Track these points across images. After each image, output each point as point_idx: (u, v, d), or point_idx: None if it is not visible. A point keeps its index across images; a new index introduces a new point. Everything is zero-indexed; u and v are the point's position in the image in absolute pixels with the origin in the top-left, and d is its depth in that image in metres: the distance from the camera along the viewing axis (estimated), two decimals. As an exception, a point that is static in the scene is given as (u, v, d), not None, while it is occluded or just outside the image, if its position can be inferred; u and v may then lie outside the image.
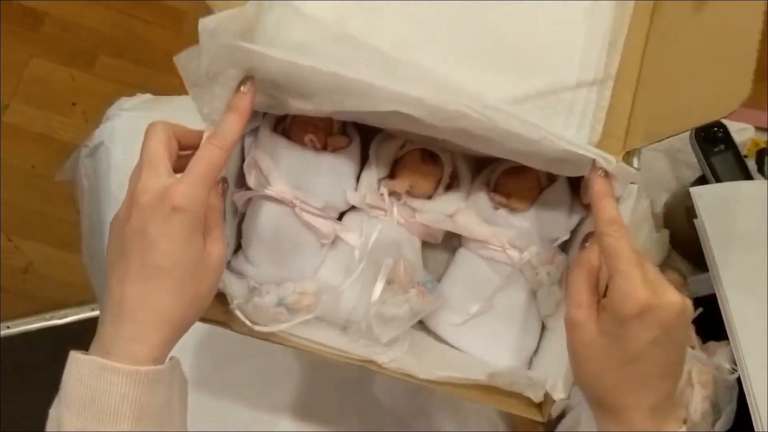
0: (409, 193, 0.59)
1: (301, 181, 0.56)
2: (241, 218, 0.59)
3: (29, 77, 1.57)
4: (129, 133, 0.79)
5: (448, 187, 0.60)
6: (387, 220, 0.57)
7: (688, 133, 0.84)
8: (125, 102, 0.80)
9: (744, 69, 0.48)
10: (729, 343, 0.72)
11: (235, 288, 0.56)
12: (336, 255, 0.59)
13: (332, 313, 0.57)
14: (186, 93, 0.66)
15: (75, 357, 0.45)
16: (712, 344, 0.74)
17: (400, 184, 0.58)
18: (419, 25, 0.55)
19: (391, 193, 0.58)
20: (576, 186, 0.59)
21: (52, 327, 1.35)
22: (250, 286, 0.58)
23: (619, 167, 0.50)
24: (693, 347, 0.73)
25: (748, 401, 0.69)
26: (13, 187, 1.47)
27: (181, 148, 0.50)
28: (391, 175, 0.59)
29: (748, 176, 0.81)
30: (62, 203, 1.46)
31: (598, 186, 0.50)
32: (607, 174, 0.50)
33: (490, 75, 0.54)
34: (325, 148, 0.58)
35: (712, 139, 0.83)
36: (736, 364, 0.71)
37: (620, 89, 0.54)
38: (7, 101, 1.54)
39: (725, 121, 0.84)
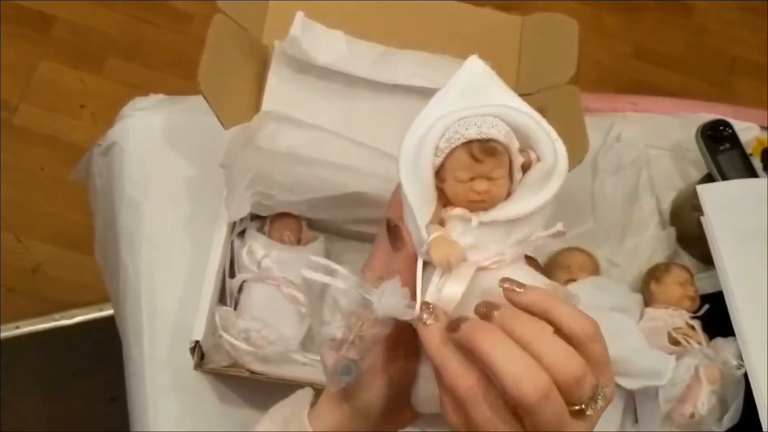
0: None
1: (282, 266, 0.70)
2: (235, 305, 0.71)
3: (38, 80, 1.58)
4: (143, 133, 0.80)
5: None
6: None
7: (695, 131, 0.85)
8: (139, 102, 0.81)
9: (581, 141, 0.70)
10: (736, 340, 0.73)
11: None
12: None
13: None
14: (197, 93, 0.68)
15: None
16: (718, 340, 0.74)
17: None
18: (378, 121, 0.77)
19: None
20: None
21: (61, 327, 1.36)
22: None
23: None
24: (700, 343, 0.73)
25: (755, 396, 0.70)
26: (22, 189, 1.48)
27: None
28: None
29: (754, 174, 0.82)
30: (71, 204, 1.46)
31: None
32: None
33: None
34: (299, 242, 0.74)
35: (718, 138, 0.84)
36: (742, 360, 0.71)
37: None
38: (16, 103, 1.55)
39: (731, 120, 0.85)
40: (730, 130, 0.84)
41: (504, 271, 0.40)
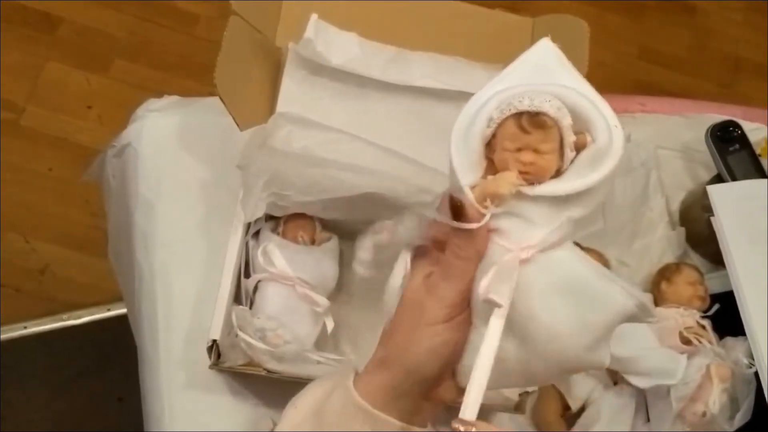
0: None
1: (296, 266, 0.71)
2: (250, 305, 0.71)
3: (45, 81, 1.58)
4: (156, 134, 0.80)
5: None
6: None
7: (704, 132, 0.85)
8: (152, 103, 0.81)
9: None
10: (746, 339, 0.73)
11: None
12: None
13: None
14: (205, 94, 0.69)
15: None
16: (729, 340, 0.75)
17: None
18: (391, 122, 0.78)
19: None
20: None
21: (69, 327, 1.36)
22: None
23: None
24: (711, 343, 0.74)
25: (765, 395, 0.70)
26: (30, 190, 1.49)
27: None
28: None
29: (763, 175, 0.83)
30: (78, 205, 1.47)
31: None
32: None
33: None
34: (313, 243, 0.74)
35: (727, 139, 0.84)
36: (753, 359, 0.72)
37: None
38: (23, 105, 1.55)
39: (740, 121, 0.86)
40: (739, 131, 0.84)
41: (554, 252, 0.40)
